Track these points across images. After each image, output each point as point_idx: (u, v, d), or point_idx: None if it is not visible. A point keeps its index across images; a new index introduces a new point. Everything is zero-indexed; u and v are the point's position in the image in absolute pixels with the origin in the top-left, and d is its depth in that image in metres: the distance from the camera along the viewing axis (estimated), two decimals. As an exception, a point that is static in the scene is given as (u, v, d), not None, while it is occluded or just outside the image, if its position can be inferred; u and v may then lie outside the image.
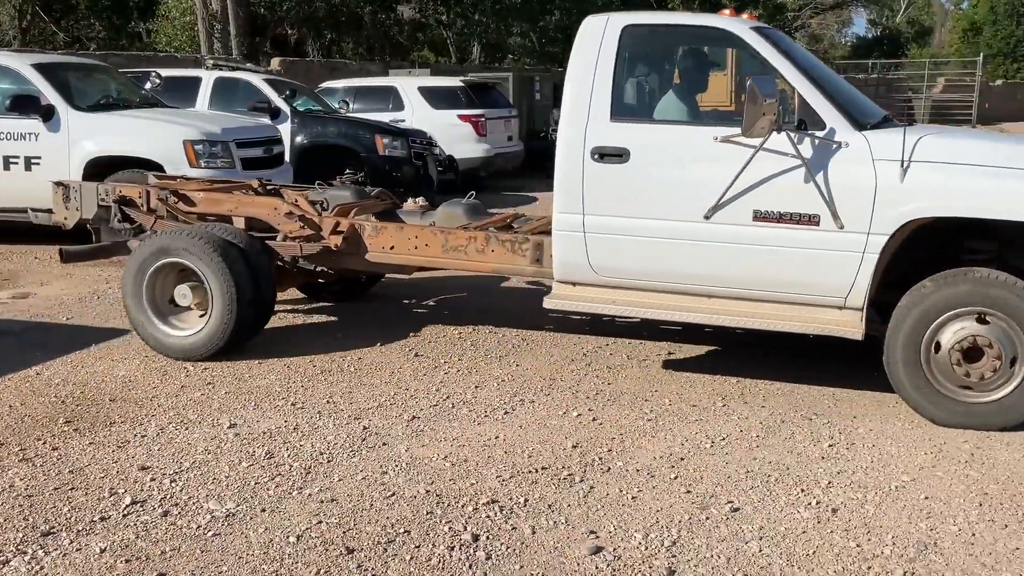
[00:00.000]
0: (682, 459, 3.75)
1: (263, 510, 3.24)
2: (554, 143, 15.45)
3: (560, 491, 3.43)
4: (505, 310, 6.19)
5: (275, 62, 18.41)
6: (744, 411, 4.32)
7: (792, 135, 4.11)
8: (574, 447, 3.85)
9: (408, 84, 13.99)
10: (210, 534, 3.06)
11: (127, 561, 2.88)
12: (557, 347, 5.31)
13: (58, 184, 5.97)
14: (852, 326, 4.19)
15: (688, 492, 3.45)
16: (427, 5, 28.63)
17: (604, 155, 4.46)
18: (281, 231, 5.25)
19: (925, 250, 4.36)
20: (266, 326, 5.22)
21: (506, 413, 4.24)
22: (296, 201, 5.38)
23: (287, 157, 9.73)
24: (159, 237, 4.99)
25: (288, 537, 3.04)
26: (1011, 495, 3.45)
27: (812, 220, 4.18)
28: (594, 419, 4.19)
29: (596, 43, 4.56)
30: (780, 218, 4.23)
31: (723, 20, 4.63)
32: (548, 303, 4.66)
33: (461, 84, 13.93)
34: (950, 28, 50.95)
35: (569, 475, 3.57)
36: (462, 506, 3.29)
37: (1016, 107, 32.52)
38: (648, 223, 4.44)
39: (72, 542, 2.99)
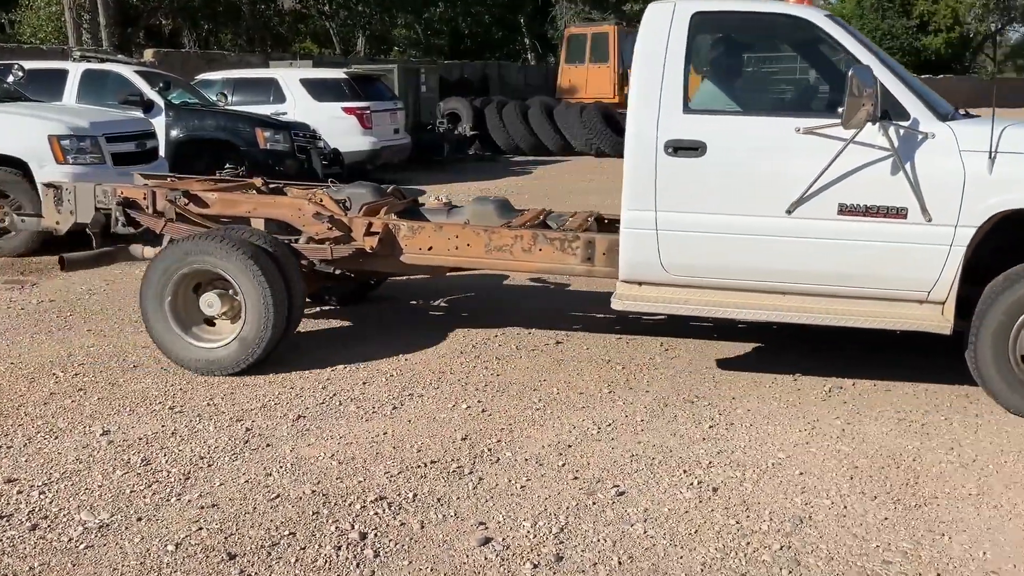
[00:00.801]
0: (569, 446, 3.80)
1: (139, 519, 3.11)
2: (440, 135, 15.36)
3: (449, 484, 3.42)
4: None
5: (148, 53, 17.71)
6: (629, 396, 4.40)
7: (885, 126, 4.05)
8: (463, 439, 3.84)
9: (289, 76, 13.69)
10: (82, 547, 2.92)
11: (-10, 581, 2.72)
12: (446, 340, 5.29)
13: (48, 185, 5.48)
14: (935, 320, 4.16)
15: (575, 478, 3.49)
16: (309, -5, 28.10)
17: (679, 148, 4.27)
18: (305, 233, 5.00)
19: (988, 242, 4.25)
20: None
21: (394, 408, 4.20)
22: (321, 201, 5.11)
23: (162, 152, 9.37)
24: (186, 242, 4.62)
25: (166, 546, 2.93)
26: (880, 468, 3.63)
27: (900, 213, 4.09)
28: (483, 410, 4.19)
29: (664, 31, 4.34)
30: (867, 211, 4.12)
31: (799, 8, 4.42)
32: (617, 304, 4.46)
33: (345, 76, 13.73)
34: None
35: (458, 467, 3.57)
36: (349, 504, 3.24)
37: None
38: (726, 219, 4.27)
39: (-72, 564, 2.81)
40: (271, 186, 5.85)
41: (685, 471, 3.57)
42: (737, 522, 3.16)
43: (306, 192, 5.59)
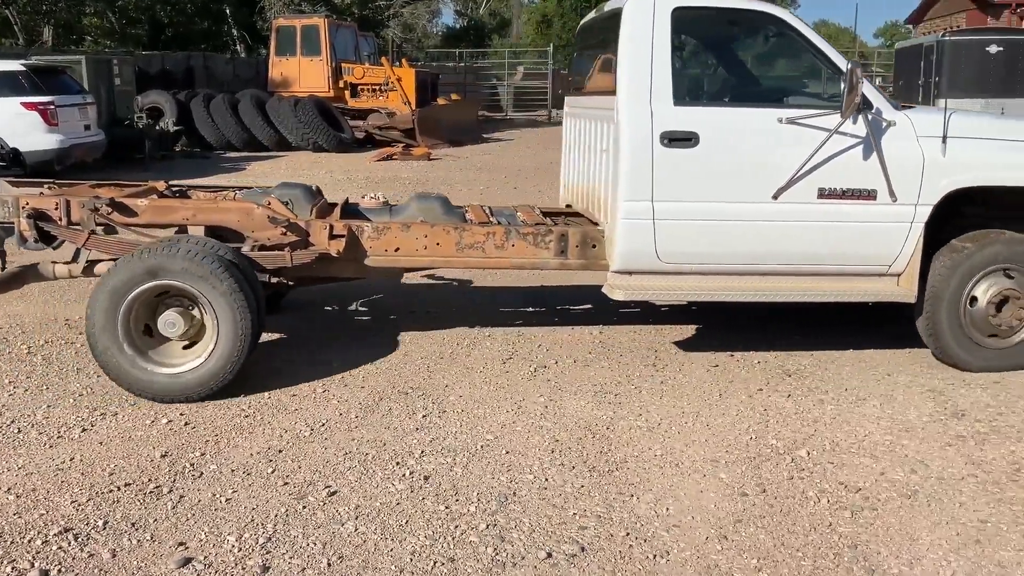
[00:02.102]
0: (280, 451, 3.69)
1: None
2: (140, 131, 14.40)
3: (146, 506, 3.20)
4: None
5: None
6: (344, 394, 4.36)
7: (863, 115, 4.39)
8: (163, 456, 3.61)
9: (-45, 68, 12.13)
10: None
11: None
12: (145, 351, 4.94)
13: None
14: (894, 291, 4.61)
15: (286, 484, 3.40)
16: (-23, -23, 25.10)
17: (673, 140, 4.40)
18: (252, 239, 4.64)
19: None
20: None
21: (84, 431, 3.86)
22: (268, 204, 4.70)
23: None
24: (146, 256, 4.14)
25: None
26: (578, 439, 3.86)
27: (870, 195, 4.46)
28: (186, 423, 3.96)
29: (648, 26, 4.45)
30: (843, 194, 4.46)
31: (768, 6, 4.68)
32: (618, 295, 4.55)
33: (23, 68, 12.38)
34: (525, 20, 55.73)
35: (156, 487, 3.34)
36: (29, 541, 2.93)
37: (584, 92, 36.43)
38: (718, 206, 4.45)
39: None
40: (174, 190, 5.38)
41: (398, 463, 3.59)
42: (447, 507, 3.23)
43: (213, 196, 5.24)
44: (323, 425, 3.98)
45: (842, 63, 4.43)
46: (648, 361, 4.89)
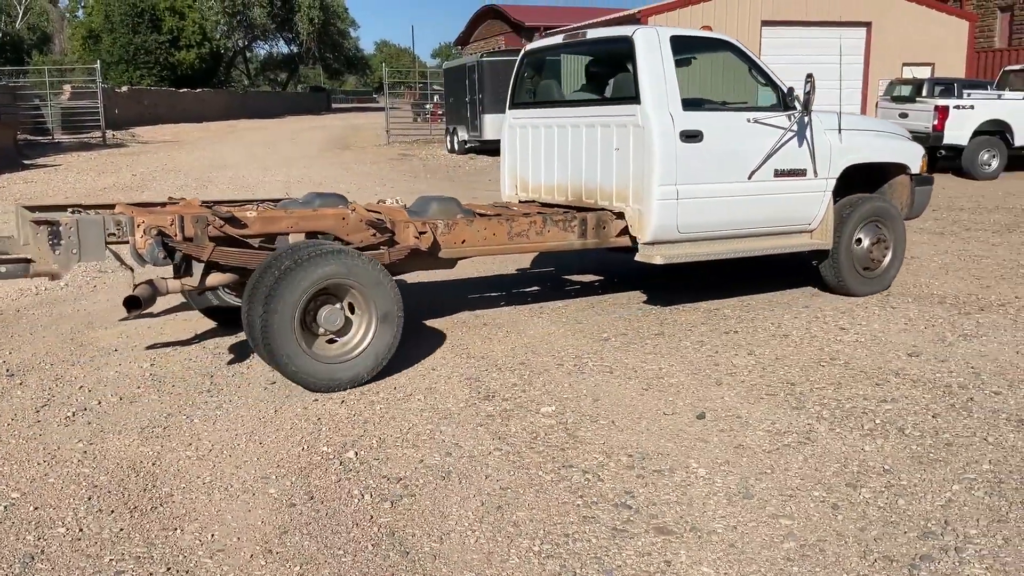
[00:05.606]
0: None
1: None
2: None
3: None
4: None
5: None
6: None
7: (795, 115, 6.06)
8: None
9: None
10: None
11: None
12: None
13: (41, 222, 4.45)
14: (811, 242, 6.38)
15: None
16: None
17: (688, 136, 5.68)
18: (349, 241, 5.07)
19: None
20: None
21: None
22: (354, 209, 5.27)
23: None
24: (319, 260, 4.55)
25: None
26: (120, 480, 3.64)
27: (803, 173, 6.19)
28: None
29: (657, 49, 5.70)
30: (788, 173, 6.11)
31: (721, 34, 6.34)
32: (659, 259, 5.69)
33: None
34: (70, 35, 50.95)
35: None
36: None
37: (142, 110, 34.35)
38: (716, 186, 5.85)
39: None
40: (207, 204, 5.42)
41: None
42: (-45, 584, 2.87)
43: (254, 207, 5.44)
44: None
45: (775, 77, 6.09)
46: (203, 388, 4.77)
